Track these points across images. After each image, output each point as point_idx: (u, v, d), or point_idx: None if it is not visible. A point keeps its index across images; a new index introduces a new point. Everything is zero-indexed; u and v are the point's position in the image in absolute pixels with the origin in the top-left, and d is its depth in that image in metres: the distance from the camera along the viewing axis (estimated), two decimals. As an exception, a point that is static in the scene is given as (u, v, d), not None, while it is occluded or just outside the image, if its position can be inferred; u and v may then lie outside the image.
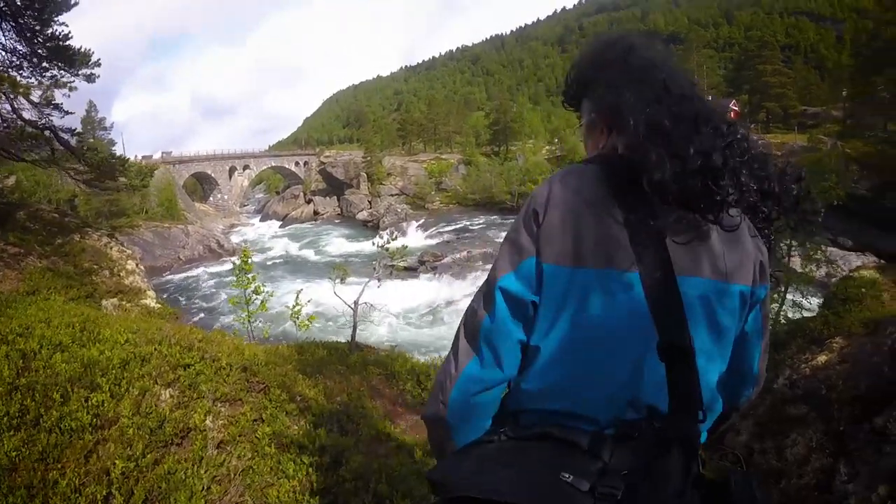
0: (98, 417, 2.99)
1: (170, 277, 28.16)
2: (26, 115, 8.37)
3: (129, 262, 9.66)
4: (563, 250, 0.79)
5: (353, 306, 8.63)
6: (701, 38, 52.49)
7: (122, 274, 9.12)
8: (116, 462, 2.62)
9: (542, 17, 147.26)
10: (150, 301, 8.95)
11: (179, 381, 3.74)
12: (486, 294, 0.85)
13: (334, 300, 9.04)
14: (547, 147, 55.38)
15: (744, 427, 5.72)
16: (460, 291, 21.18)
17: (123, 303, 8.21)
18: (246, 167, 56.27)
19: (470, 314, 0.87)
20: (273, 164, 61.13)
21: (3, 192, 9.91)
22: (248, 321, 8.71)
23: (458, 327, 0.89)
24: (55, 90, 8.20)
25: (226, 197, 53.37)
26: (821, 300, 7.99)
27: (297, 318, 8.61)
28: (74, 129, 8.69)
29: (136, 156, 44.21)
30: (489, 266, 0.88)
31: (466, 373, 0.85)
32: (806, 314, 8.10)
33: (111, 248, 9.71)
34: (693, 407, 0.78)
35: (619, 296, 0.77)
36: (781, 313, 8.37)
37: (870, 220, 20.64)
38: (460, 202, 45.15)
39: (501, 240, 0.88)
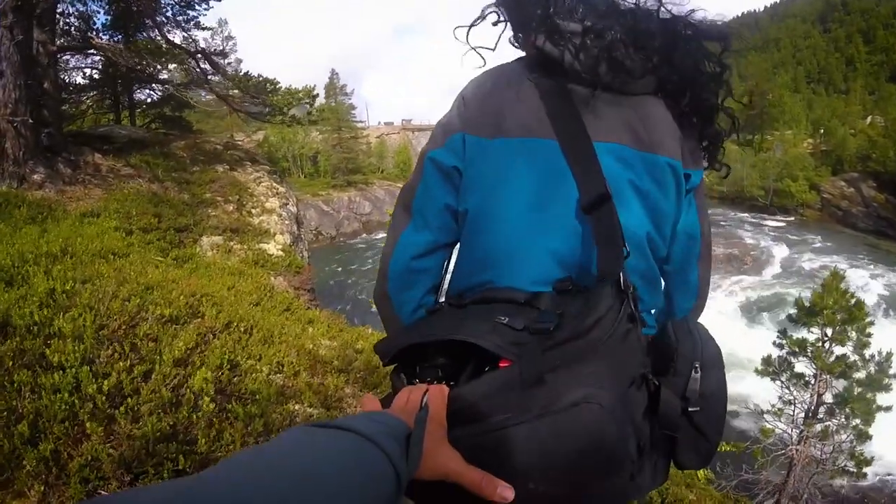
0: None
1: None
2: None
3: (272, 199, 8.61)
4: (487, 124, 0.85)
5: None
6: None
7: (253, 211, 8.04)
8: None
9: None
10: (273, 247, 7.63)
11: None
12: (417, 167, 0.92)
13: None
14: (809, 140, 49.55)
15: None
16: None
17: (231, 243, 6.99)
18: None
19: (405, 188, 0.94)
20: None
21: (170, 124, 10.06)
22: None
23: (396, 204, 0.94)
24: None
25: (461, 165, 55.54)
26: None
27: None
28: (223, 50, 7.87)
29: (378, 122, 49.74)
30: (731, 268, 0.98)
31: (402, 238, 0.90)
32: None
33: (259, 182, 8.80)
34: (616, 248, 0.76)
35: (539, 161, 0.82)
36: None
37: None
38: (706, 194, 44.07)
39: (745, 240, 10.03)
